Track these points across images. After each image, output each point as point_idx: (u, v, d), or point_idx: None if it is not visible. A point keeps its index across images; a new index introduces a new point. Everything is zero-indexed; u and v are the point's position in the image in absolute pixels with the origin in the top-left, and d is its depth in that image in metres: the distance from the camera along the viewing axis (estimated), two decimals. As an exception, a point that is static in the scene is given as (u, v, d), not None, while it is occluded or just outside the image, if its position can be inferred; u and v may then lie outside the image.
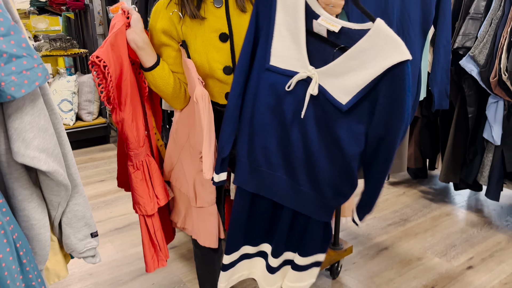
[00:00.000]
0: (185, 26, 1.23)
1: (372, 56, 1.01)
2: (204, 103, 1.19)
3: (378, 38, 0.99)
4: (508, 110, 2.27)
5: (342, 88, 1.07)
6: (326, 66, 1.07)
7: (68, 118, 3.72)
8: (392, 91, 1.02)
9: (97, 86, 1.14)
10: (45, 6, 3.67)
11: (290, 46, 1.12)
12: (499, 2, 2.09)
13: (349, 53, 1.03)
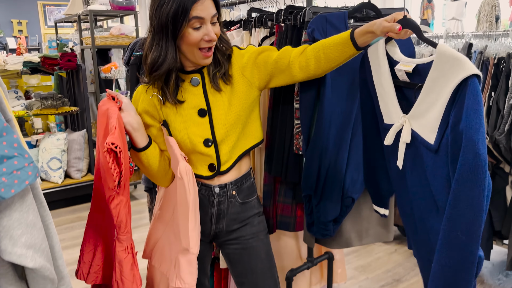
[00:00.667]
0: (165, 107, 1.32)
1: (444, 82, 0.93)
2: (188, 177, 1.23)
3: (443, 63, 0.93)
4: (493, 170, 2.31)
5: (428, 127, 0.99)
6: (412, 109, 1.04)
7: (57, 176, 3.70)
8: (459, 116, 0.88)
9: (113, 172, 1.15)
10: (38, 66, 3.74)
11: (387, 101, 1.15)
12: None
13: (424, 88, 0.99)
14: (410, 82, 1.07)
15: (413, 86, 1.05)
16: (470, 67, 0.88)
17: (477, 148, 0.85)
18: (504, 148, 2.09)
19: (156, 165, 1.33)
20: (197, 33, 1.20)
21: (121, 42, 3.63)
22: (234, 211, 1.40)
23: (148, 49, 1.26)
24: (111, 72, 3.70)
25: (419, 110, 1.02)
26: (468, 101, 0.86)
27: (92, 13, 3.51)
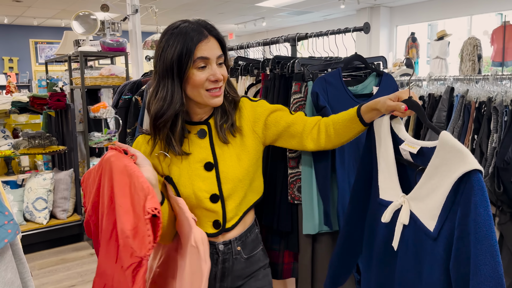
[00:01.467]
0: (169, 161, 1.26)
1: (445, 171, 0.93)
2: (204, 247, 1.14)
3: (446, 151, 0.93)
4: (479, 212, 2.33)
5: (428, 213, 0.99)
6: (413, 191, 1.03)
7: (42, 217, 3.63)
8: (465, 214, 0.88)
9: (149, 240, 1.04)
10: (27, 106, 3.74)
11: (387, 177, 1.13)
12: (458, 112, 2.24)
13: (426, 173, 0.98)
14: (412, 163, 1.07)
15: (415, 167, 1.05)
16: (473, 161, 0.89)
17: (492, 243, 0.85)
18: (489, 191, 2.11)
19: (165, 223, 1.24)
20: (202, 73, 1.18)
21: (111, 82, 3.66)
22: (239, 267, 1.33)
23: (152, 96, 1.21)
24: (100, 112, 3.71)
25: (420, 193, 1.01)
26: (475, 198, 0.87)
27: (82, 54, 3.56)
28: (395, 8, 9.38)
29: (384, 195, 1.14)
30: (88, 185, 1.24)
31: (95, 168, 1.21)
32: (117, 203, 1.09)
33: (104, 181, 1.15)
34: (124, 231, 1.05)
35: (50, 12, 8.66)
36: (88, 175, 1.26)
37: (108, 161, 1.14)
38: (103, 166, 1.16)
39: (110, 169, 1.12)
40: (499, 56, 7.06)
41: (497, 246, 0.85)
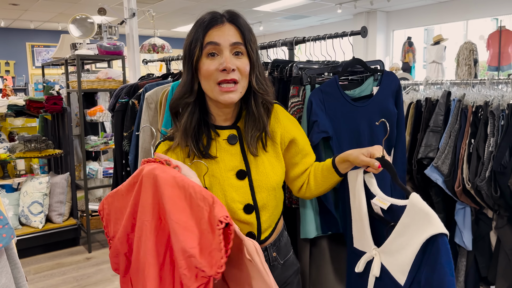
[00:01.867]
0: (201, 171, 1.14)
1: (414, 231, 0.99)
2: (260, 257, 0.99)
3: (415, 212, 0.99)
4: (476, 216, 2.33)
5: (398, 267, 1.04)
6: (383, 245, 1.08)
7: (37, 221, 3.61)
8: (431, 273, 0.94)
9: (222, 253, 0.88)
10: (23, 109, 3.73)
11: (360, 228, 1.16)
12: (455, 116, 2.24)
13: (396, 230, 1.04)
14: (383, 218, 1.12)
15: (386, 222, 1.11)
16: (439, 225, 0.95)
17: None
18: (486, 195, 2.11)
19: None
20: (212, 62, 1.07)
21: (108, 86, 3.65)
22: (276, 274, 1.23)
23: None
24: (97, 116, 3.70)
25: (390, 248, 1.06)
26: (441, 259, 0.93)
27: (79, 58, 3.55)
28: (391, 13, 9.42)
29: (358, 245, 1.18)
30: (114, 210, 1.06)
31: (124, 189, 1.03)
32: (172, 220, 0.92)
33: (146, 199, 0.97)
34: (186, 250, 0.89)
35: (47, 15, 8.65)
36: (111, 198, 1.07)
37: (150, 176, 0.97)
38: (142, 182, 0.98)
39: (154, 184, 0.96)
40: (495, 60, 7.10)
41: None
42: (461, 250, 2.40)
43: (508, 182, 2.04)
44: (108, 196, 1.07)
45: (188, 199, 0.93)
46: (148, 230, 0.96)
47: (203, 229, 0.90)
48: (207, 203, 0.91)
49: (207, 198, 0.91)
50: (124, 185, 1.04)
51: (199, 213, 0.91)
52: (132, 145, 2.19)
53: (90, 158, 4.33)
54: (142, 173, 0.99)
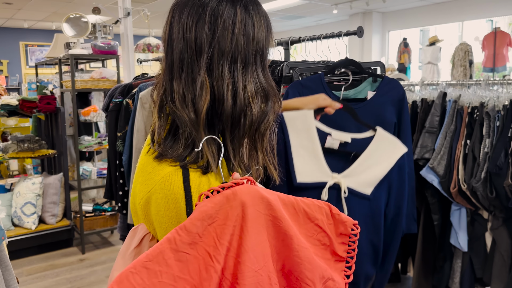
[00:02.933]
0: None
1: (382, 154, 1.37)
2: None
3: (382, 141, 1.37)
4: (471, 217, 2.32)
5: (365, 182, 1.37)
6: (348, 169, 1.36)
7: (30, 222, 3.57)
8: (400, 176, 1.41)
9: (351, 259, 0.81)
10: (16, 109, 3.69)
11: (310, 162, 1.34)
12: (451, 117, 2.24)
13: (365, 155, 1.37)
14: (339, 150, 1.39)
15: (345, 153, 1.40)
16: (403, 146, 1.40)
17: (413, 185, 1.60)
18: (481, 196, 2.11)
19: None
20: None
21: (102, 85, 3.62)
22: None
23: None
24: (91, 116, 3.67)
25: (356, 170, 1.36)
26: (406, 167, 1.43)
27: (73, 57, 3.52)
28: (387, 14, 9.43)
29: (304, 178, 1.34)
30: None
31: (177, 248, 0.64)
32: (302, 248, 0.72)
33: (258, 237, 0.69)
34: (323, 276, 0.75)
35: (41, 14, 8.59)
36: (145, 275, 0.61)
37: (260, 202, 0.70)
38: (246, 216, 0.68)
39: (269, 211, 0.71)
40: (490, 62, 7.12)
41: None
42: (457, 251, 2.40)
43: (503, 183, 2.03)
44: (123, 280, 0.60)
45: (301, 216, 0.77)
46: (267, 281, 0.68)
47: (323, 244, 0.79)
48: (325, 212, 0.80)
49: (322, 207, 0.80)
50: (169, 244, 0.63)
51: (316, 228, 0.78)
52: (126, 145, 2.17)
53: (84, 158, 4.29)
54: (233, 203, 0.68)
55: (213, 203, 0.67)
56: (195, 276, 0.63)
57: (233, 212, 0.67)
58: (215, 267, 0.64)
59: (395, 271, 2.88)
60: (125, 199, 2.32)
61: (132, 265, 0.61)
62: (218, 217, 0.66)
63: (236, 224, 0.67)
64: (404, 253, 2.75)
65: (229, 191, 0.68)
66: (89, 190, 4.13)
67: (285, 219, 0.71)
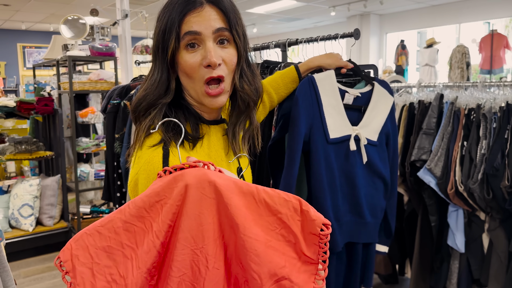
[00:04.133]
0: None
1: (381, 104, 1.59)
2: None
3: (379, 93, 1.58)
4: (469, 218, 2.33)
5: (373, 130, 1.58)
6: (362, 121, 1.55)
7: (28, 224, 3.56)
8: (392, 121, 1.65)
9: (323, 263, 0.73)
10: (14, 111, 3.68)
11: (337, 119, 1.50)
12: (448, 119, 2.25)
13: (370, 107, 1.57)
14: (352, 105, 1.56)
15: (357, 107, 1.57)
16: (391, 96, 1.64)
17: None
18: (478, 197, 2.11)
19: None
20: (192, 56, 0.86)
21: (100, 87, 3.62)
22: None
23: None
24: (88, 117, 3.66)
25: (367, 121, 1.56)
26: (394, 111, 1.69)
27: (71, 59, 3.51)
28: (385, 16, 9.46)
29: (334, 134, 1.49)
30: (99, 254, 0.68)
31: (122, 217, 0.70)
32: (250, 238, 0.70)
33: (199, 218, 0.70)
34: (275, 273, 0.70)
35: (38, 16, 8.59)
36: (87, 239, 0.68)
37: (204, 184, 0.71)
38: (186, 196, 0.70)
39: (214, 194, 0.71)
40: (487, 64, 7.15)
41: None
42: (454, 252, 2.40)
43: (500, 184, 2.04)
44: (79, 239, 0.68)
45: (261, 207, 0.74)
46: (203, 262, 0.69)
47: (292, 241, 0.73)
48: (291, 207, 0.73)
49: (290, 200, 0.73)
50: (119, 214, 0.70)
51: (279, 222, 0.73)
52: (123, 146, 2.17)
53: (82, 160, 4.29)
54: (180, 183, 0.70)
55: (162, 182, 0.71)
56: (139, 246, 0.69)
57: (178, 192, 0.70)
58: (154, 242, 0.68)
59: (393, 272, 2.89)
60: (123, 201, 2.32)
61: (88, 227, 0.69)
62: (165, 196, 0.70)
63: (179, 204, 0.70)
64: (402, 254, 2.75)
65: (179, 172, 0.72)
66: (86, 192, 4.13)
67: (232, 205, 0.70)
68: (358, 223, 1.56)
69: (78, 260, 0.67)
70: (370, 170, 1.58)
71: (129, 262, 0.68)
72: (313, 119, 1.45)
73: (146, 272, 0.68)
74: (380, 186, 1.62)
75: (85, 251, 0.67)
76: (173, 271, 0.68)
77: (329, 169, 1.48)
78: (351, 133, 1.51)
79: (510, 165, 2.02)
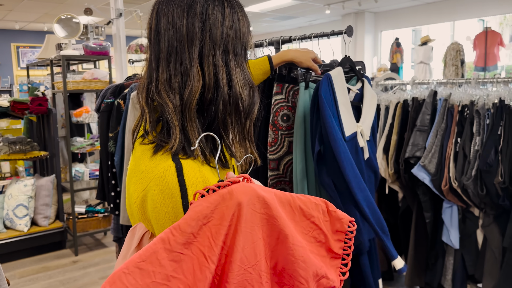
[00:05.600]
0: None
1: (371, 101, 1.64)
2: None
3: (369, 90, 1.64)
4: (463, 214, 2.34)
5: (368, 126, 1.63)
6: (362, 118, 1.60)
7: (23, 224, 3.54)
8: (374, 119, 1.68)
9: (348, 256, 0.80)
10: (7, 111, 3.66)
11: (347, 116, 1.52)
12: (442, 116, 2.25)
13: (366, 104, 1.62)
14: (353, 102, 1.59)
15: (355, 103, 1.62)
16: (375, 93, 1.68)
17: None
18: (472, 193, 2.12)
19: None
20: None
21: (94, 86, 3.60)
22: None
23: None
24: (83, 117, 3.65)
25: (364, 118, 1.60)
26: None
27: (64, 58, 3.50)
28: (379, 14, 9.47)
29: (347, 131, 1.51)
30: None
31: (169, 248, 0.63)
32: (296, 246, 0.71)
33: (251, 236, 0.68)
34: (317, 273, 0.74)
35: (32, 15, 8.53)
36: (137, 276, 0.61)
37: (256, 201, 0.69)
38: (241, 215, 0.67)
39: (265, 210, 0.70)
40: (481, 61, 7.18)
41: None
42: (449, 248, 2.41)
43: (493, 180, 2.05)
44: (116, 280, 0.60)
45: (297, 214, 0.76)
46: (257, 279, 0.67)
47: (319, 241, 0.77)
48: (321, 209, 0.79)
49: (319, 204, 0.79)
50: (163, 244, 0.63)
51: (312, 226, 0.77)
52: (117, 146, 2.16)
53: (76, 160, 4.27)
54: (230, 202, 0.67)
55: (208, 202, 0.66)
56: (189, 276, 0.62)
57: (229, 212, 0.66)
58: (209, 268, 0.63)
59: (388, 269, 2.90)
60: (118, 200, 2.31)
61: (125, 265, 0.60)
62: (213, 217, 0.65)
63: (231, 224, 0.66)
64: (397, 251, 2.76)
65: (225, 190, 0.67)
66: (81, 192, 4.11)
67: (281, 217, 0.70)
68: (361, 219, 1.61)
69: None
70: (367, 164, 1.62)
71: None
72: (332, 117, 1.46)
73: None
74: (373, 180, 1.67)
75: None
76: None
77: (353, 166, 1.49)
78: (357, 130, 1.55)
79: (503, 161, 2.03)
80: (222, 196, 0.67)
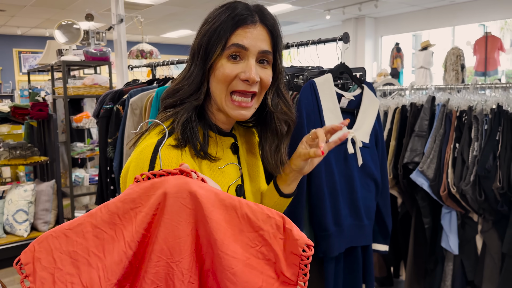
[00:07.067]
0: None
1: (370, 107, 1.62)
2: None
3: (368, 96, 1.62)
4: (462, 220, 2.34)
5: (365, 133, 1.61)
6: (356, 124, 1.59)
7: (22, 230, 3.55)
8: (379, 122, 1.68)
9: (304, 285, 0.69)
10: (8, 116, 3.68)
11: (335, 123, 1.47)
12: (440, 121, 2.26)
13: (361, 110, 1.60)
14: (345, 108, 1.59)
15: (350, 110, 1.60)
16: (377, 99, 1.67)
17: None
18: (471, 199, 2.12)
19: None
20: (232, 66, 0.89)
21: (94, 92, 3.62)
22: None
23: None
24: (83, 122, 3.66)
25: (359, 124, 1.60)
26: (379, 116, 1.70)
27: (65, 64, 3.52)
28: (380, 19, 9.50)
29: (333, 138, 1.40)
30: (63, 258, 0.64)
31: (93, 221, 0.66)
32: (227, 256, 0.66)
33: (177, 229, 0.66)
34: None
35: (34, 21, 8.59)
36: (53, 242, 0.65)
37: (183, 194, 0.67)
38: (165, 205, 0.66)
39: (193, 205, 0.67)
40: (481, 66, 7.19)
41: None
42: (448, 254, 2.40)
43: (492, 186, 2.05)
44: (43, 240, 0.64)
45: (243, 222, 0.69)
46: (179, 276, 0.65)
47: (268, 259, 0.69)
48: (274, 224, 0.69)
49: (273, 217, 0.69)
50: (90, 218, 0.65)
51: (260, 239, 0.69)
52: (116, 151, 2.17)
53: (76, 165, 4.28)
54: (158, 191, 0.66)
55: (139, 187, 0.67)
56: (108, 256, 0.64)
57: (155, 201, 0.66)
58: (126, 253, 0.64)
59: (387, 275, 2.89)
60: (116, 205, 2.32)
61: (54, 229, 0.65)
62: (141, 204, 0.66)
63: (156, 213, 0.66)
64: (396, 256, 2.75)
65: (158, 179, 0.68)
66: (81, 197, 4.12)
67: (213, 219, 0.66)
68: (357, 226, 1.58)
69: (40, 264, 0.62)
70: (364, 172, 1.60)
71: (94, 272, 0.63)
72: (314, 125, 1.45)
73: (116, 284, 0.63)
74: (373, 188, 1.64)
75: (49, 254, 0.63)
76: (147, 283, 0.64)
77: (330, 174, 1.50)
78: (348, 136, 1.54)
79: (501, 167, 2.03)
80: (153, 184, 0.67)
